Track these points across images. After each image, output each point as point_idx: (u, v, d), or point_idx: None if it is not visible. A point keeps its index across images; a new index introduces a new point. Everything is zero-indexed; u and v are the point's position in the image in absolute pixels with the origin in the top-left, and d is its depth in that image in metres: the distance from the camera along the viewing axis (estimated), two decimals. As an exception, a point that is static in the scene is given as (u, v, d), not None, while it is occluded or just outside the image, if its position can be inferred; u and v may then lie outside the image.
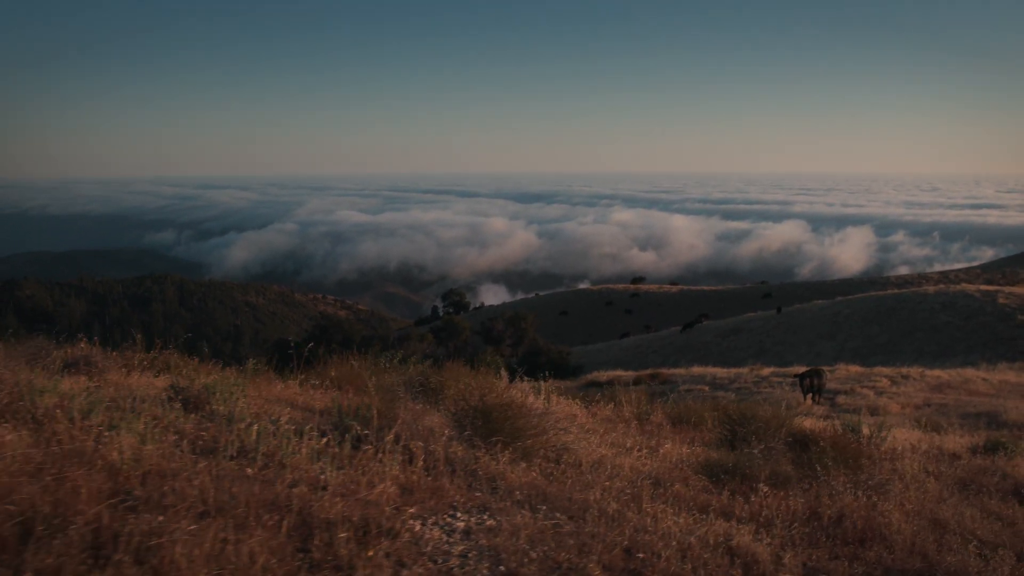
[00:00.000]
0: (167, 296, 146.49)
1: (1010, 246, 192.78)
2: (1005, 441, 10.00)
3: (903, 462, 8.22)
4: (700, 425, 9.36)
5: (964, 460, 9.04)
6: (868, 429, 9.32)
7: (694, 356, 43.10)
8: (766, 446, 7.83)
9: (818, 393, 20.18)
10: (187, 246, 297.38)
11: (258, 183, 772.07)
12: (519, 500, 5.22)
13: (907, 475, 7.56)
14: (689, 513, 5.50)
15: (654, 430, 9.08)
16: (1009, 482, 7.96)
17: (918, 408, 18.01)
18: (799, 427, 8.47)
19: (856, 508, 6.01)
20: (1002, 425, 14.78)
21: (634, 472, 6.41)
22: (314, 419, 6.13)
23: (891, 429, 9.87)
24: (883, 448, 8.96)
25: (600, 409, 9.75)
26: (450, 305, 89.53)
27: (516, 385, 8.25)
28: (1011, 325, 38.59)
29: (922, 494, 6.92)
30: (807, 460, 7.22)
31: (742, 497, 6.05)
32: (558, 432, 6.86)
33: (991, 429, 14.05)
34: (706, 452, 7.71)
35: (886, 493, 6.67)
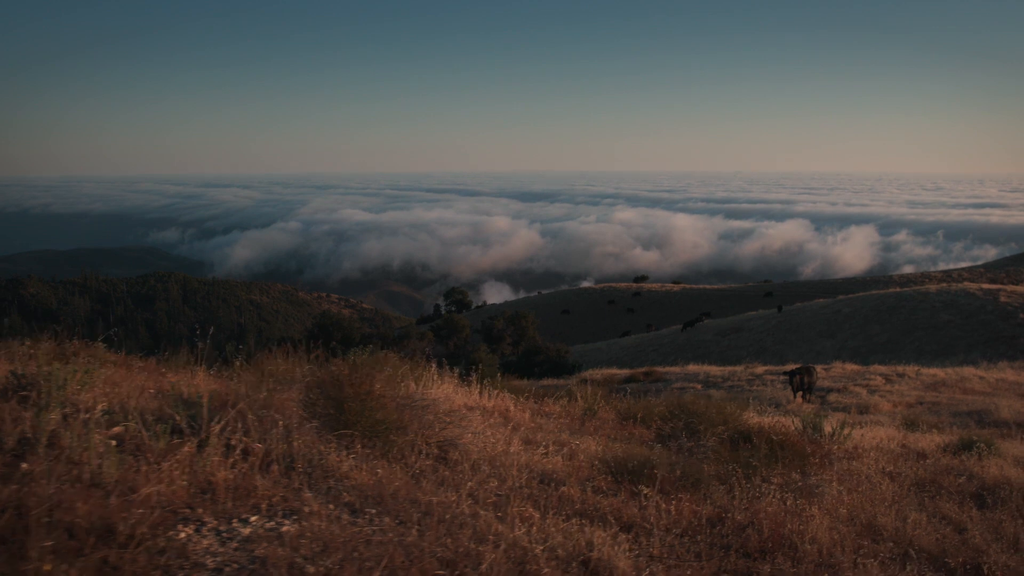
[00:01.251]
0: (171, 294, 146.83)
1: (1013, 245, 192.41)
2: (980, 440, 9.74)
3: (860, 462, 8.04)
4: (649, 421, 8.94)
5: (931, 460, 8.84)
6: (831, 427, 9.11)
7: (694, 355, 43.12)
8: (696, 443, 7.50)
9: (809, 391, 19.94)
10: (190, 245, 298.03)
11: (261, 182, 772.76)
12: (348, 502, 4.71)
13: (861, 475, 7.35)
14: (566, 518, 5.01)
15: (598, 426, 8.70)
16: (974, 484, 7.76)
17: (910, 406, 17.94)
18: (745, 423, 8.17)
19: (772, 514, 5.57)
20: (992, 423, 14.72)
21: (527, 471, 5.94)
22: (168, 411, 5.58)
23: (854, 427, 9.78)
24: (846, 446, 8.75)
25: (549, 405, 9.51)
26: (452, 303, 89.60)
27: (431, 378, 8.07)
28: (1013, 324, 38.47)
29: (864, 497, 6.64)
30: (742, 458, 6.87)
31: (638, 500, 5.62)
32: (446, 426, 6.42)
33: (981, 427, 14.05)
34: (628, 449, 7.13)
35: (819, 496, 6.36)
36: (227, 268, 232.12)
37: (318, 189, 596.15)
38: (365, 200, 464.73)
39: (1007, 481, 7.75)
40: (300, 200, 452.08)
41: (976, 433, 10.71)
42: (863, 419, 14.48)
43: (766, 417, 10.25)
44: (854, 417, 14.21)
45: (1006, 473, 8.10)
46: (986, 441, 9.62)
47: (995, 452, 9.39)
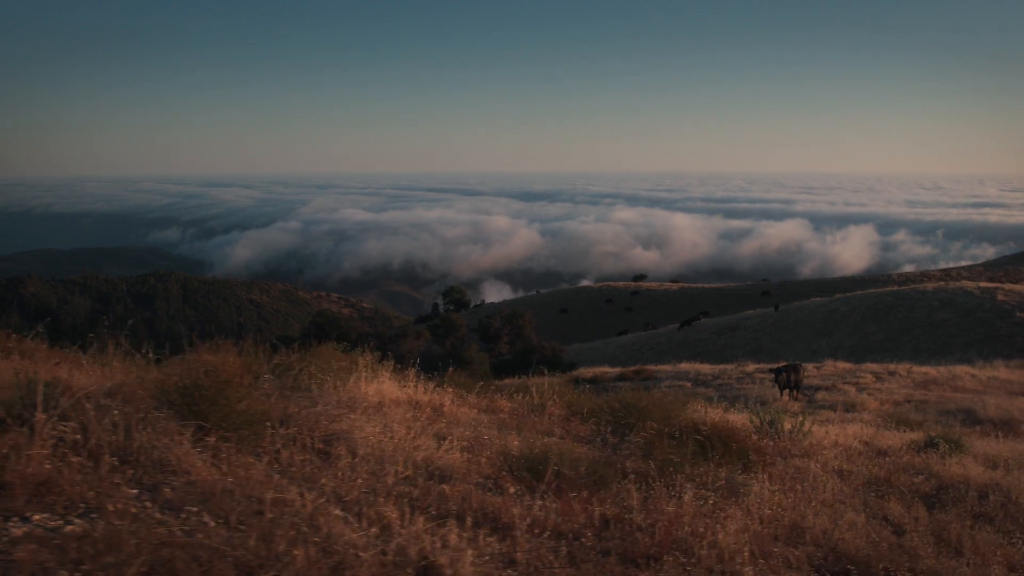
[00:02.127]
0: (171, 294, 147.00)
1: (1012, 244, 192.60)
2: (947, 438, 9.58)
3: (814, 459, 7.86)
4: (596, 416, 8.54)
5: (891, 458, 8.65)
6: (791, 424, 8.93)
7: (691, 353, 43.22)
8: (621, 439, 7.30)
9: (796, 388, 19.76)
10: (191, 244, 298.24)
11: (262, 181, 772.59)
12: (168, 499, 4.35)
13: (808, 474, 7.12)
14: (435, 518, 4.68)
15: (542, 422, 8.46)
16: (931, 483, 7.56)
17: (897, 404, 17.93)
18: (689, 419, 7.77)
19: (672, 515, 5.24)
20: (977, 421, 14.76)
21: (421, 467, 5.59)
22: None
23: (828, 424, 9.67)
24: (804, 444, 8.58)
25: (501, 401, 9.28)
26: (450, 302, 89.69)
27: (369, 372, 7.86)
28: (1010, 322, 38.42)
29: (800, 497, 6.39)
30: (664, 455, 6.55)
31: (524, 500, 5.27)
32: (336, 420, 6.02)
33: (966, 425, 14.09)
34: (547, 444, 6.72)
35: (744, 495, 6.04)
36: (227, 268, 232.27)
37: (319, 189, 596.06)
38: (366, 200, 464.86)
39: (967, 480, 7.62)
40: (301, 200, 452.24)
41: (950, 431, 10.52)
42: (845, 417, 14.45)
43: (717, 413, 9.97)
44: (839, 415, 14.28)
45: (969, 472, 7.97)
46: (954, 439, 9.43)
47: (963, 450, 9.22)
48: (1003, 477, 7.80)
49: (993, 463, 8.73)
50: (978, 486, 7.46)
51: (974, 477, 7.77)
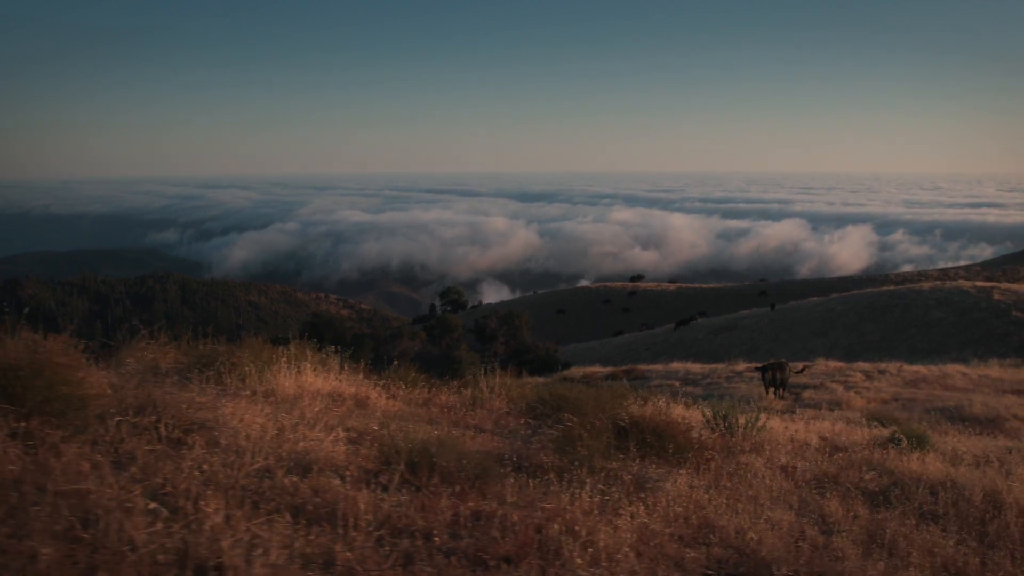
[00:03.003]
0: (169, 295, 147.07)
1: (1009, 244, 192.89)
2: (911, 434, 9.28)
3: (762, 455, 7.58)
4: (533, 410, 8.17)
5: (846, 454, 8.37)
6: (745, 419, 8.67)
7: (686, 353, 43.28)
8: (532, 433, 7.07)
9: (782, 387, 19.50)
10: (189, 246, 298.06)
11: (261, 183, 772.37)
12: None
13: (751, 470, 6.87)
14: (267, 513, 4.36)
15: (478, 415, 8.27)
16: (883, 480, 7.24)
17: (884, 403, 17.96)
18: (625, 412, 7.36)
19: (548, 512, 4.85)
20: (963, 419, 14.80)
21: (284, 459, 5.21)
22: None
23: (777, 420, 9.50)
24: (756, 440, 8.30)
25: (443, 395, 9.14)
26: (448, 303, 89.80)
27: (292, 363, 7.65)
28: (1006, 321, 38.50)
29: (728, 493, 6.11)
30: (585, 448, 6.20)
31: (396, 495, 4.94)
32: (201, 409, 5.67)
33: (951, 423, 14.09)
34: (435, 437, 6.41)
35: (654, 492, 5.71)
36: (225, 269, 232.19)
37: (317, 190, 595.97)
38: (364, 201, 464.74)
39: (921, 477, 7.36)
40: (299, 201, 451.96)
41: (915, 427, 10.10)
42: (818, 414, 14.46)
43: (664, 407, 9.21)
44: (818, 413, 14.36)
45: (927, 468, 7.72)
46: (918, 435, 9.18)
47: (927, 446, 8.96)
48: (962, 474, 7.52)
49: (957, 460, 8.48)
50: (931, 483, 7.18)
51: (930, 474, 7.52)
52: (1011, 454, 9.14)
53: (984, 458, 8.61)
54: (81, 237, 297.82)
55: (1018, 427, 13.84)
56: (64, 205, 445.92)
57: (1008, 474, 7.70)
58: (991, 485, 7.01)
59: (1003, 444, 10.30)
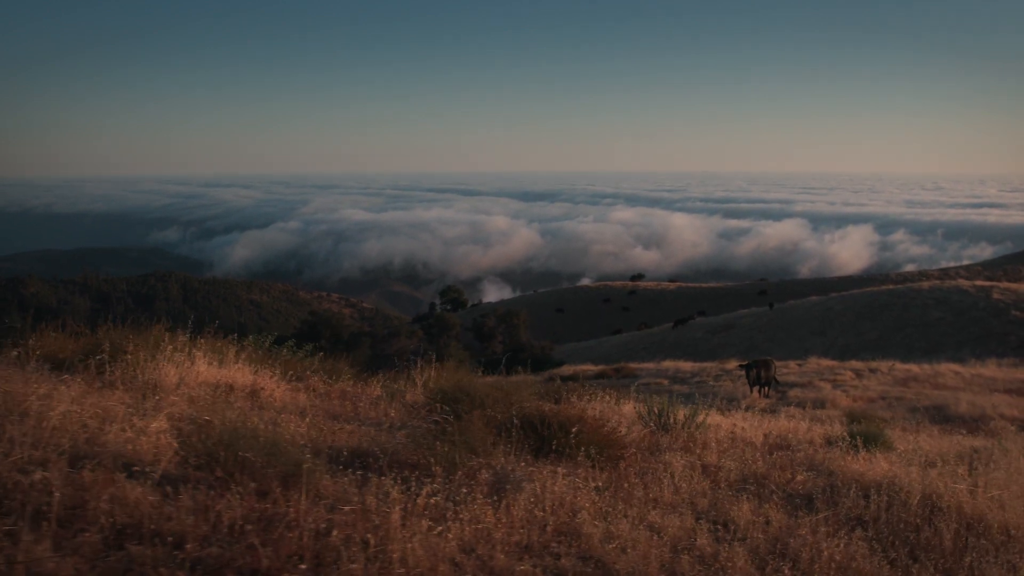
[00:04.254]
0: (171, 294, 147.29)
1: (1009, 244, 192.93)
2: (865, 431, 8.78)
3: (690, 454, 7.23)
4: (437, 405, 7.53)
5: (789, 452, 7.92)
6: (684, 415, 8.29)
7: (684, 352, 43.43)
8: (412, 428, 6.67)
9: (767, 385, 19.39)
10: (191, 244, 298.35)
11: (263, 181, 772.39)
12: None
13: (668, 469, 6.43)
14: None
15: (376, 408, 7.94)
16: (819, 481, 6.73)
17: (871, 401, 17.94)
18: (533, 407, 6.80)
19: (349, 517, 4.33)
20: (948, 418, 14.88)
21: (79, 450, 4.75)
22: None
23: (707, 416, 8.86)
24: (691, 437, 7.94)
25: (364, 388, 8.86)
26: (447, 302, 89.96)
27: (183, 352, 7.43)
28: (1004, 321, 38.41)
29: (617, 496, 5.61)
30: (454, 442, 5.71)
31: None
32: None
33: (934, 421, 14.17)
34: (327, 431, 6.20)
35: (514, 491, 5.12)
36: (226, 268, 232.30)
37: (319, 189, 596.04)
38: (366, 200, 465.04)
39: (860, 479, 6.83)
40: (301, 200, 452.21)
41: (871, 425, 9.63)
42: (790, 412, 14.34)
43: (596, 403, 9.03)
44: (809, 412, 14.36)
45: (873, 469, 7.15)
46: (874, 433, 8.73)
47: (881, 445, 8.51)
48: (907, 475, 6.92)
49: (910, 460, 7.91)
50: (869, 485, 6.59)
51: (872, 475, 6.95)
52: (977, 454, 8.74)
53: (942, 459, 8.11)
54: (83, 236, 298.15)
55: (1003, 426, 13.69)
56: (66, 204, 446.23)
57: (957, 477, 7.13)
58: (932, 488, 6.47)
59: (974, 444, 10.02)
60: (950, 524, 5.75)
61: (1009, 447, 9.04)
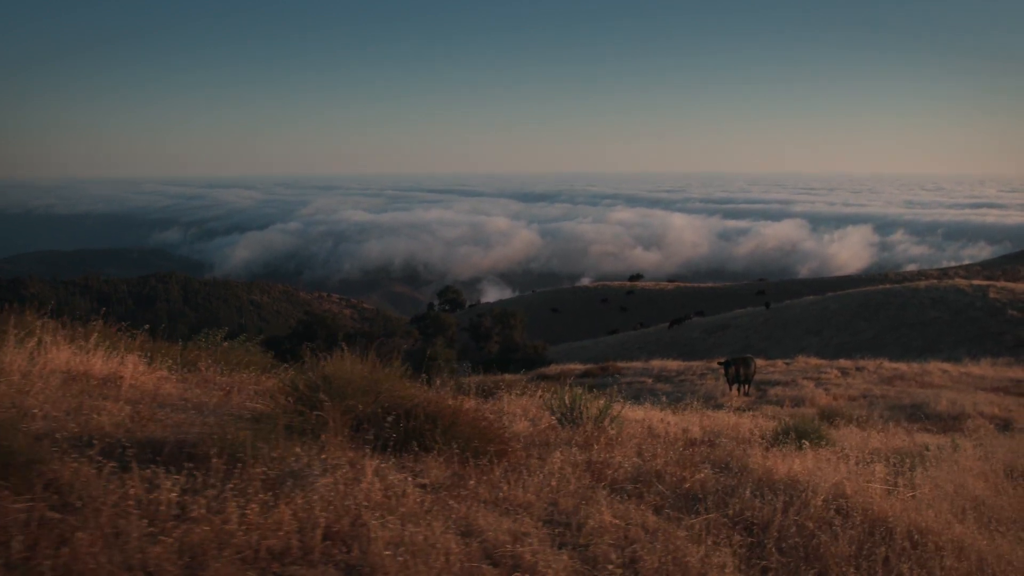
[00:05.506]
0: (171, 295, 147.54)
1: (1008, 244, 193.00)
2: (800, 427, 8.32)
3: (587, 450, 6.68)
4: (292, 393, 6.64)
5: (703, 449, 7.54)
6: (596, 408, 7.82)
7: (679, 352, 43.52)
8: (228, 416, 6.12)
9: (746, 383, 19.27)
10: (192, 245, 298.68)
11: (264, 182, 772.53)
12: None
13: (547, 466, 5.91)
14: None
15: (248, 398, 7.36)
16: (723, 480, 6.21)
17: (851, 399, 17.93)
18: (406, 398, 6.26)
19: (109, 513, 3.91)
20: (926, 416, 14.86)
21: None
22: None
23: (623, 410, 8.27)
24: (595, 433, 7.46)
25: (261, 381, 8.46)
26: (446, 303, 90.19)
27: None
28: (1000, 320, 38.32)
29: (446, 497, 5.06)
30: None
31: None
32: None
33: (913, 419, 14.17)
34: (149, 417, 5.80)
35: (298, 488, 4.58)
36: (226, 269, 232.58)
37: (320, 190, 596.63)
38: (366, 201, 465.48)
39: (768, 476, 6.31)
40: (302, 201, 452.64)
41: (808, 422, 8.98)
42: (761, 410, 14.30)
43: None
44: (787, 410, 14.46)
45: (791, 467, 6.56)
46: (810, 429, 8.25)
47: (815, 441, 7.99)
48: (823, 474, 6.40)
49: (843, 458, 7.34)
50: (770, 484, 6.07)
51: (782, 473, 6.35)
52: (928, 451, 8.29)
53: (886, 457, 7.67)
54: (84, 237, 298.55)
55: (981, 424, 13.76)
56: (67, 205, 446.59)
57: (879, 475, 6.63)
58: (843, 489, 6.01)
59: (930, 441, 9.58)
60: (852, 528, 5.35)
61: (964, 445, 8.88)
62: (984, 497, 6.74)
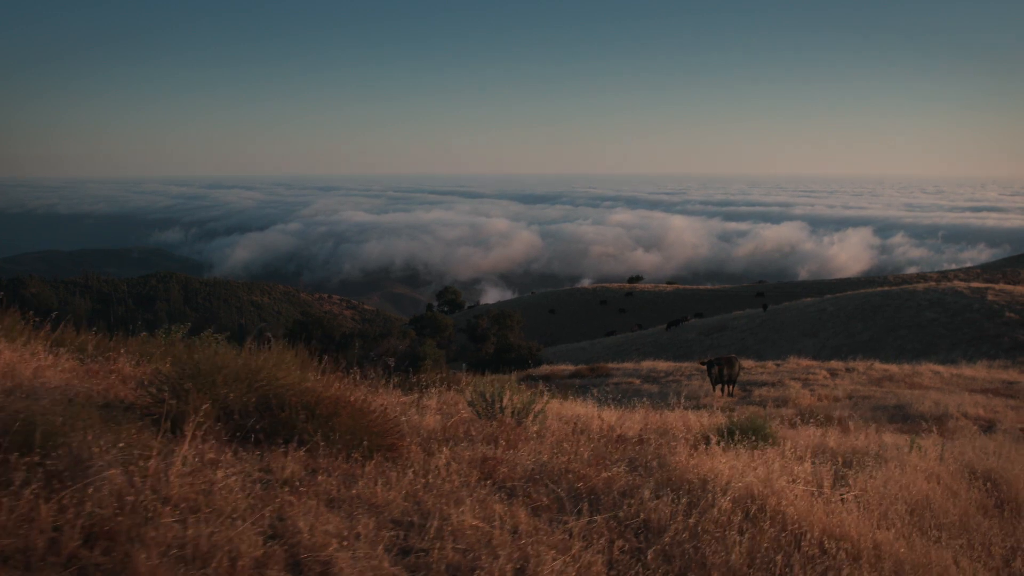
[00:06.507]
0: (171, 295, 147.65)
1: (1008, 247, 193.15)
2: (746, 425, 7.95)
3: (488, 447, 6.25)
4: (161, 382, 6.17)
5: (630, 446, 7.06)
6: (520, 402, 7.49)
7: (675, 353, 43.59)
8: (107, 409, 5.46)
9: (730, 383, 19.16)
10: (192, 245, 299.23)
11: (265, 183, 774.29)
12: None
13: (435, 462, 5.54)
14: None
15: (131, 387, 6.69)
16: (630, 479, 5.77)
17: (835, 400, 17.93)
18: (276, 388, 5.77)
19: None
20: (908, 416, 14.80)
21: None
22: None
23: (546, 405, 7.93)
24: (533, 430, 7.13)
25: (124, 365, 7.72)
26: (444, 303, 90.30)
27: None
28: (998, 323, 38.06)
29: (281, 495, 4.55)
30: None
31: None
32: None
33: (894, 420, 14.17)
34: None
35: (78, 480, 4.05)
36: (225, 269, 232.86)
37: (321, 191, 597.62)
38: (367, 202, 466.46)
39: (682, 476, 5.86)
40: (303, 201, 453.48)
41: (756, 420, 8.45)
42: (741, 410, 14.16)
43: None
44: (771, 410, 14.41)
45: (714, 467, 6.08)
46: (755, 427, 7.89)
47: (766, 441, 7.63)
48: (741, 473, 5.93)
49: (784, 457, 6.83)
50: (678, 484, 5.67)
51: (699, 474, 5.91)
52: (886, 449, 7.99)
53: (834, 456, 7.43)
54: (85, 237, 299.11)
55: (964, 425, 13.59)
56: (69, 205, 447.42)
57: (799, 478, 6.20)
58: (757, 490, 5.58)
59: (889, 441, 9.13)
60: (759, 533, 4.99)
61: (925, 445, 8.56)
62: (932, 500, 6.42)
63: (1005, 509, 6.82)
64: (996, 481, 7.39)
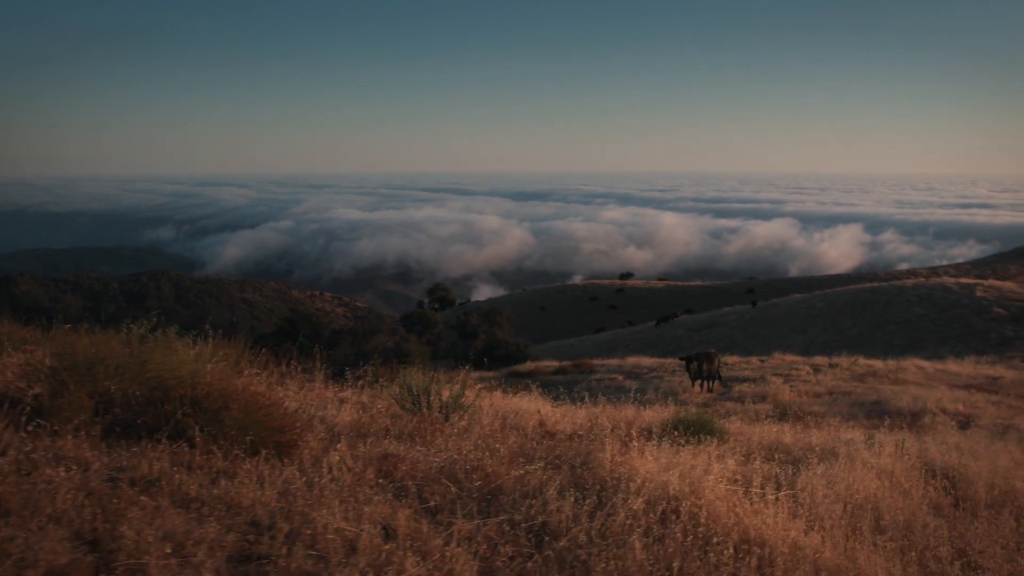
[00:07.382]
0: (163, 292, 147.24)
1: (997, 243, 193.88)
2: (692, 421, 7.74)
3: (406, 444, 5.95)
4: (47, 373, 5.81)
5: (559, 441, 6.71)
6: (447, 394, 7.29)
7: (664, 350, 43.72)
8: None
9: (709, 379, 19.01)
10: (185, 243, 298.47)
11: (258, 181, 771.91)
12: None
13: (328, 460, 5.19)
14: None
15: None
16: (543, 477, 5.39)
17: (816, 396, 17.92)
18: (176, 377, 5.43)
19: None
20: (885, 412, 14.73)
21: None
22: None
23: (476, 399, 7.77)
24: (460, 426, 6.90)
25: None
26: (435, 300, 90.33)
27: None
28: (986, 318, 38.29)
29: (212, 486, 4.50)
30: None
31: None
32: None
33: (871, 416, 14.13)
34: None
35: None
36: (217, 267, 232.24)
37: (313, 188, 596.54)
38: (360, 199, 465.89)
39: (598, 475, 5.54)
40: (295, 199, 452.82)
41: (704, 415, 8.28)
42: (721, 406, 14.26)
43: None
44: (750, 406, 14.44)
45: (635, 465, 5.73)
46: (702, 422, 7.66)
47: (704, 434, 7.38)
48: (667, 475, 5.49)
49: (724, 455, 6.62)
50: (594, 484, 5.33)
51: (619, 473, 5.55)
52: (839, 446, 7.76)
53: (781, 452, 7.25)
54: (78, 235, 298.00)
55: (939, 421, 13.64)
56: (62, 203, 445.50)
57: (723, 477, 5.82)
58: (676, 490, 5.25)
59: (847, 436, 8.91)
60: (668, 537, 4.70)
61: (882, 440, 8.31)
62: (879, 499, 6.11)
63: (961, 508, 6.55)
64: (955, 479, 7.17)
